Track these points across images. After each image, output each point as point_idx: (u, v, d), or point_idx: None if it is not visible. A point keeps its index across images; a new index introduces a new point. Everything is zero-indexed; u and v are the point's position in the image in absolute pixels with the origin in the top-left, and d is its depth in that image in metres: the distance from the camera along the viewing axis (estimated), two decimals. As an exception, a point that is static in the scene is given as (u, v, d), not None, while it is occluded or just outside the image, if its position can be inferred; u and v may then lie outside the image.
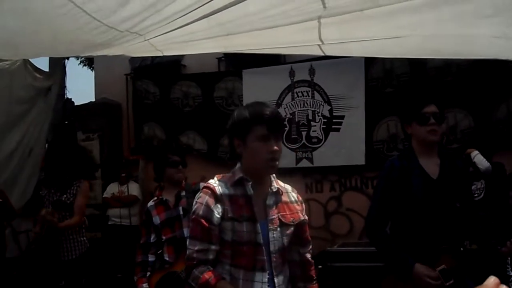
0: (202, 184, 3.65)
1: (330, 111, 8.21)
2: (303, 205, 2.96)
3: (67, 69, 9.52)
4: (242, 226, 2.68)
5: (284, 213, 2.79)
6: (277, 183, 2.84)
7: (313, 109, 8.36)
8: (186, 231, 4.23)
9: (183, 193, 4.46)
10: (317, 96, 8.31)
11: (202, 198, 2.74)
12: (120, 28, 4.01)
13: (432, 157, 3.57)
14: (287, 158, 8.37)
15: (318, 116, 8.30)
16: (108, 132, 9.51)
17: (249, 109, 2.77)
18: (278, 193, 2.81)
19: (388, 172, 3.59)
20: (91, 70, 14.07)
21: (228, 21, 3.74)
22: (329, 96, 8.22)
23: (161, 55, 5.61)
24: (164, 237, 4.41)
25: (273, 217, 2.74)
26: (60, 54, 8.14)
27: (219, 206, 2.70)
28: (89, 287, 6.03)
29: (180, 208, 4.43)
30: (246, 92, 8.71)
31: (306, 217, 2.93)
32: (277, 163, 2.72)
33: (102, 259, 7.06)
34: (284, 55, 8.22)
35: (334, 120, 8.20)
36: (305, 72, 8.36)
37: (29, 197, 6.87)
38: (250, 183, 2.74)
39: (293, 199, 2.91)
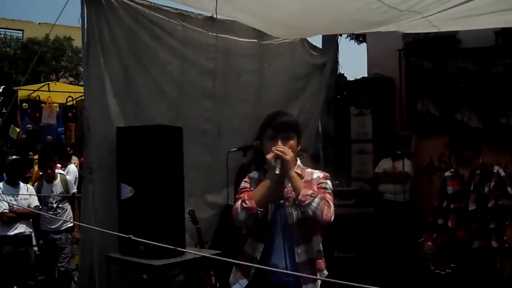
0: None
1: None
2: None
3: (339, 45, 9.82)
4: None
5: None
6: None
7: None
8: (471, 205, 5.09)
9: (478, 171, 5.14)
10: None
11: None
12: (400, 8, 4.08)
13: None
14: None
15: None
16: (380, 107, 9.55)
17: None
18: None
19: None
20: (358, 44, 14.22)
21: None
22: None
23: (436, 30, 5.52)
24: (452, 206, 5.27)
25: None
26: (335, 32, 8.44)
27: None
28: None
29: (473, 184, 5.13)
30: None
31: None
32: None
33: (375, 234, 7.24)
34: None
35: None
36: None
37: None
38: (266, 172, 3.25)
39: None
